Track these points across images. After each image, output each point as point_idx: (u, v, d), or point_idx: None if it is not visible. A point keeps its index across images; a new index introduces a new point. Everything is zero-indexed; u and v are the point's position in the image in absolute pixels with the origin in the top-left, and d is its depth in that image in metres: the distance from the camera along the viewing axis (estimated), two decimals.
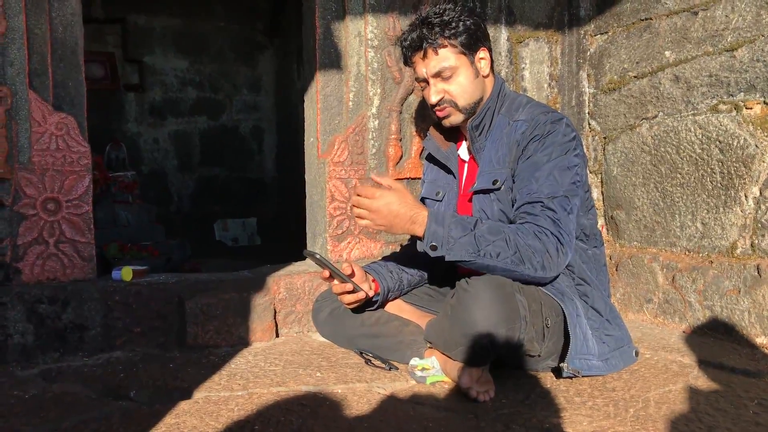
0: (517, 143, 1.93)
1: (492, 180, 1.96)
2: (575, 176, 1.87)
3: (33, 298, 2.12)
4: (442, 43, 1.95)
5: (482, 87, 2.03)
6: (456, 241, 1.75)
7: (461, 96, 2.00)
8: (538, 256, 1.76)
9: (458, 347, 1.73)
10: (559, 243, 1.78)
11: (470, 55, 1.99)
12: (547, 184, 1.83)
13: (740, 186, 2.29)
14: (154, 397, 1.75)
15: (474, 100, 2.02)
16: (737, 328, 2.24)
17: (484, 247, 1.74)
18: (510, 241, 1.75)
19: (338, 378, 1.90)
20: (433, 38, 1.95)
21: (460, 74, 1.98)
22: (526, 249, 1.75)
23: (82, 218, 2.27)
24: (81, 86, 2.29)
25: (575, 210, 1.87)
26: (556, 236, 1.78)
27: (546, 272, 1.78)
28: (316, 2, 2.58)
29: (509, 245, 1.74)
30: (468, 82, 1.99)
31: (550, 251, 1.76)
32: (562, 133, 1.89)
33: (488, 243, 1.75)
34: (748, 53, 2.26)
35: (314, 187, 2.73)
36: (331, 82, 2.63)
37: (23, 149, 2.18)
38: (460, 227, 1.77)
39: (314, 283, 2.46)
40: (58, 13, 2.23)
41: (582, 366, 1.81)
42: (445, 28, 1.95)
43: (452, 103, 2.01)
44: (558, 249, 1.78)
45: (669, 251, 2.58)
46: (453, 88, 1.99)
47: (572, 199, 1.85)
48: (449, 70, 1.97)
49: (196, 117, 6.43)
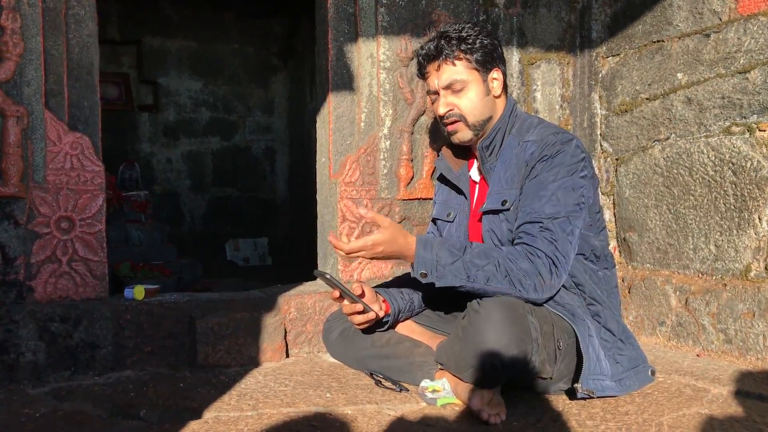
0: (526, 163, 1.93)
1: (501, 200, 1.96)
2: (580, 197, 1.87)
3: (45, 316, 2.13)
4: (458, 55, 1.98)
5: (492, 106, 2.04)
6: (445, 268, 1.78)
7: (470, 111, 2.01)
8: (530, 279, 1.77)
9: (469, 369, 1.72)
10: (552, 265, 1.78)
11: (483, 72, 2.01)
12: (549, 204, 1.84)
13: (754, 208, 2.28)
14: (164, 417, 1.74)
15: (483, 118, 2.03)
16: (752, 352, 2.22)
17: (474, 272, 1.77)
18: (500, 265, 1.77)
19: (348, 399, 1.89)
20: (450, 50, 1.98)
21: (470, 89, 2.00)
22: (517, 272, 1.76)
23: (95, 237, 2.28)
24: (96, 106, 2.31)
25: (576, 232, 1.86)
26: (551, 258, 1.78)
27: (539, 294, 1.79)
28: (329, 25, 2.61)
29: (498, 270, 1.76)
30: (478, 98, 2.01)
31: (542, 273, 1.77)
32: (570, 153, 1.89)
33: (477, 268, 1.77)
34: (761, 75, 2.26)
35: (326, 207, 2.73)
36: (344, 102, 2.64)
37: (38, 168, 2.20)
38: (447, 253, 1.79)
39: (325, 304, 2.45)
40: (75, 35, 2.26)
41: (596, 387, 1.79)
42: (462, 42, 1.98)
43: (461, 117, 2.02)
44: (552, 271, 1.78)
45: (682, 274, 2.56)
46: (462, 103, 2.01)
47: (574, 221, 1.85)
48: (460, 84, 1.99)
49: (209, 138, 6.47)
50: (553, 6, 3.01)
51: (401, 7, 2.69)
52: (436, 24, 2.73)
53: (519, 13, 2.95)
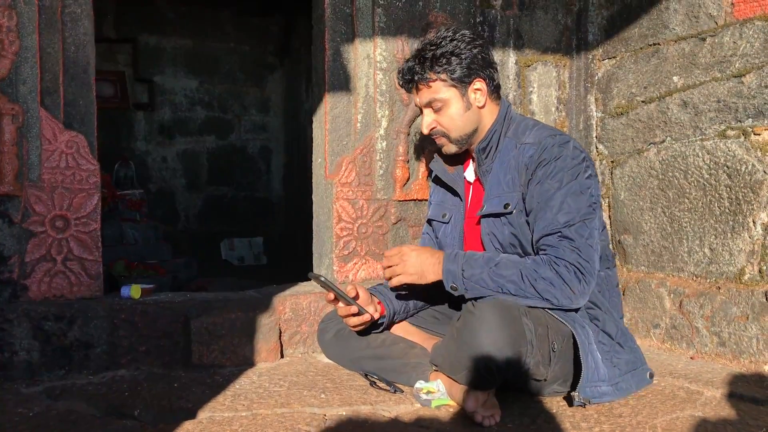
0: (525, 167, 1.93)
1: (503, 204, 1.95)
2: (590, 198, 1.88)
3: (39, 315, 2.12)
4: (431, 77, 1.98)
5: (476, 118, 2.04)
6: (471, 280, 1.83)
7: (452, 128, 2.03)
8: (557, 288, 1.78)
9: (464, 370, 1.72)
10: (578, 272, 1.78)
11: (462, 87, 1.99)
12: (562, 212, 1.84)
13: (748, 212, 2.29)
14: (158, 417, 1.74)
15: (466, 132, 2.03)
16: (745, 355, 2.22)
17: (500, 284, 1.81)
18: (523, 276, 1.79)
19: (343, 400, 1.89)
20: (422, 72, 1.98)
21: (450, 106, 2.00)
22: (542, 282, 1.78)
23: (90, 236, 2.28)
24: (91, 105, 2.31)
25: (595, 233, 1.87)
26: (575, 266, 1.78)
27: (571, 302, 1.81)
28: (326, 25, 2.61)
29: (523, 281, 1.79)
30: (458, 114, 2.01)
31: (568, 282, 1.78)
32: (570, 156, 1.89)
33: (503, 279, 1.81)
34: (756, 79, 2.26)
35: (321, 207, 2.73)
36: (340, 103, 2.64)
37: (33, 167, 2.20)
38: (472, 266, 1.84)
39: (320, 304, 2.45)
40: (71, 33, 2.26)
41: (593, 394, 1.80)
42: (435, 63, 1.96)
43: (444, 134, 2.04)
44: (579, 278, 1.79)
45: (676, 276, 2.57)
46: (443, 120, 2.02)
47: (590, 223, 1.85)
48: (439, 102, 2.00)
49: (205, 136, 6.46)
50: (550, 8, 3.02)
51: (398, 8, 2.69)
52: (433, 25, 2.73)
53: (516, 14, 2.95)
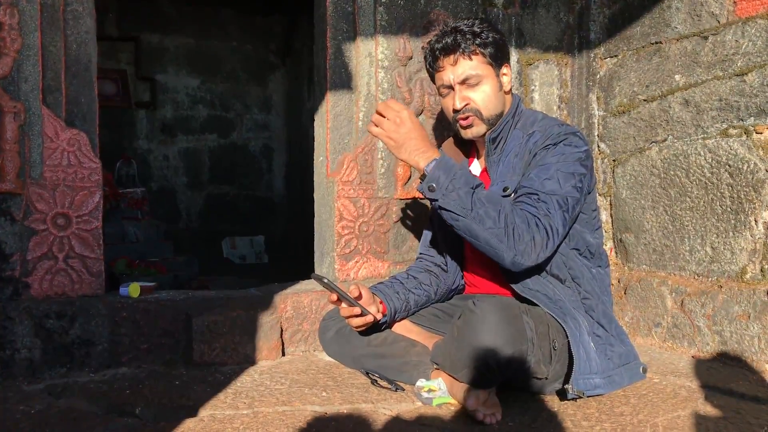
0: (529, 151, 1.96)
1: (502, 188, 1.97)
2: (578, 183, 1.89)
3: (41, 313, 2.12)
4: (474, 50, 1.98)
5: (504, 101, 2.07)
6: (454, 191, 1.78)
7: (485, 106, 2.02)
8: (523, 241, 1.77)
9: (465, 369, 1.72)
10: (546, 234, 1.79)
11: (496, 67, 2.02)
12: (549, 183, 1.85)
13: (750, 211, 2.28)
14: (160, 415, 1.74)
15: (497, 112, 2.04)
16: (746, 354, 2.22)
17: (476, 208, 1.77)
18: (501, 214, 1.77)
19: (344, 398, 1.89)
20: (466, 45, 1.98)
21: (486, 83, 2.01)
22: (515, 229, 1.77)
23: (92, 234, 2.28)
24: (93, 103, 2.31)
25: (571, 212, 1.88)
26: (545, 228, 1.79)
27: (524, 259, 1.80)
28: (327, 23, 2.61)
29: (500, 218, 1.77)
30: (493, 93, 2.02)
31: (535, 239, 1.78)
32: (574, 144, 1.92)
33: (482, 206, 1.77)
34: (758, 78, 2.26)
35: (323, 206, 2.73)
36: (342, 101, 2.64)
37: (35, 164, 2.20)
38: (463, 180, 1.80)
39: (321, 302, 2.45)
40: (73, 31, 2.26)
41: (586, 386, 1.80)
42: (476, 37, 1.98)
43: (476, 112, 2.02)
44: (544, 241, 1.79)
45: (678, 275, 2.57)
46: (478, 97, 2.01)
47: (570, 201, 1.86)
48: (476, 78, 1.99)
49: (207, 135, 6.46)
50: (552, 6, 3.01)
51: (400, 6, 2.69)
52: (434, 24, 2.73)
53: (518, 13, 2.95)
